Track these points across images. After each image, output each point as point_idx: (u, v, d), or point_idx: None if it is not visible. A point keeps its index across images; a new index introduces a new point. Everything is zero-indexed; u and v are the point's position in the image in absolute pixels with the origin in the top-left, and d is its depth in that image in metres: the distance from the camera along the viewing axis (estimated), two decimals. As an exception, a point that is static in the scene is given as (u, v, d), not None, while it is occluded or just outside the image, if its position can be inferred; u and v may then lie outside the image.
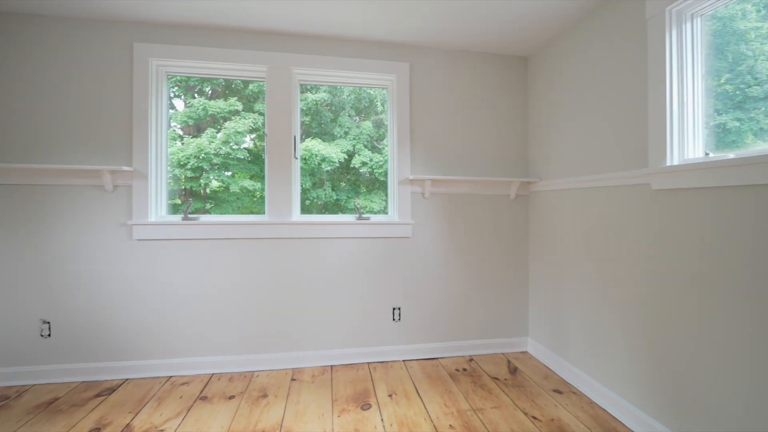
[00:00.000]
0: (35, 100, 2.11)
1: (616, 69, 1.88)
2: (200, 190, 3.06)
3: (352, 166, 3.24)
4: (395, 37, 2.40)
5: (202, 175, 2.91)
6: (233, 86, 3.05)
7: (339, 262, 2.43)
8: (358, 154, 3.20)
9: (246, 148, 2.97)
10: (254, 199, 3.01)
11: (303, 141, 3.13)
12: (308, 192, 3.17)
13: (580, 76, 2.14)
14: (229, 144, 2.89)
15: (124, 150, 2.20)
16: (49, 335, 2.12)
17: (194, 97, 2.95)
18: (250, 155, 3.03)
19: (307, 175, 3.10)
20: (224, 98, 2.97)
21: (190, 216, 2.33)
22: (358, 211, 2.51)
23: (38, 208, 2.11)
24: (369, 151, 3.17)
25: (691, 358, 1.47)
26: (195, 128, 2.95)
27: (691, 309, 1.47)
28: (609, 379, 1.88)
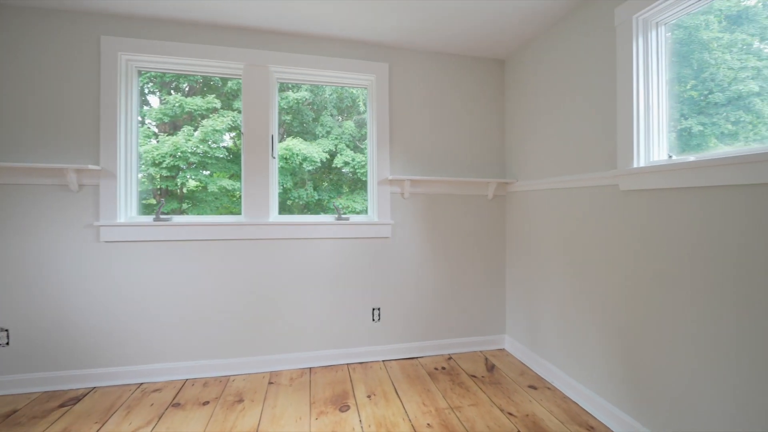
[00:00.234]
0: (-8, 94, 1.99)
1: (588, 73, 1.94)
2: (176, 190, 2.96)
3: (334, 165, 3.22)
4: (375, 37, 2.40)
5: (178, 175, 2.82)
6: (212, 83, 2.97)
7: (318, 263, 2.40)
8: (341, 154, 3.18)
9: (225, 147, 2.90)
10: (234, 198, 2.94)
11: (284, 140, 3.08)
12: (289, 192, 3.13)
13: (554, 80, 2.20)
14: (207, 142, 2.81)
15: (91, 148, 2.10)
16: (7, 344, 2.00)
17: (170, 94, 2.85)
18: (229, 154, 2.96)
19: (288, 174, 3.05)
20: (202, 95, 2.89)
21: (163, 216, 2.25)
22: (338, 212, 2.49)
23: (-5, 208, 1.99)
24: (351, 151, 3.15)
25: (659, 355, 1.54)
26: (171, 126, 2.86)
27: (659, 307, 1.53)
28: (581, 374, 1.94)
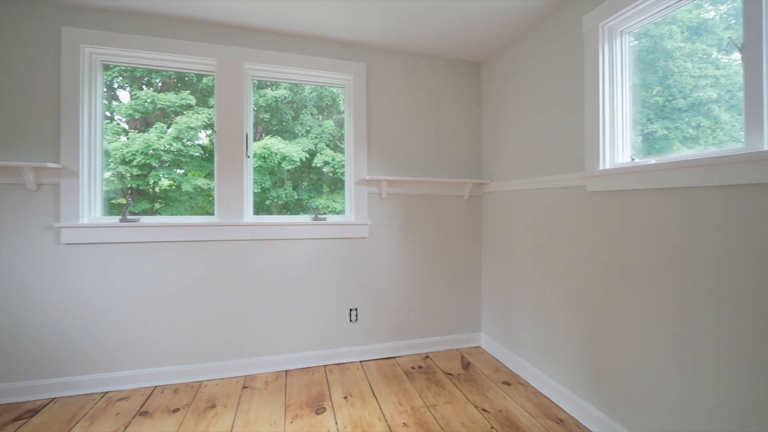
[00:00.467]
0: (-63, 86, 1.85)
1: (559, 78, 2.00)
2: (148, 189, 2.85)
3: (314, 165, 3.18)
4: (352, 37, 2.39)
5: (150, 173, 2.71)
6: (186, 79, 2.86)
7: (294, 264, 2.37)
8: (320, 153, 3.15)
9: (200, 145, 2.81)
10: (210, 198, 2.86)
11: (262, 139, 3.02)
12: (268, 191, 3.07)
13: (527, 83, 2.26)
14: (181, 140, 2.72)
15: (51, 145, 1.99)
16: (-44, 353, 1.86)
17: (141, 89, 2.73)
18: (204, 152, 2.87)
19: (266, 173, 2.99)
20: (175, 91, 2.78)
21: (131, 217, 2.16)
22: (314, 212, 2.47)
23: (-58, 209, 1.86)
24: (331, 150, 3.13)
25: (626, 350, 1.60)
26: (142, 122, 2.74)
27: (626, 304, 1.60)
28: (553, 369, 2.00)
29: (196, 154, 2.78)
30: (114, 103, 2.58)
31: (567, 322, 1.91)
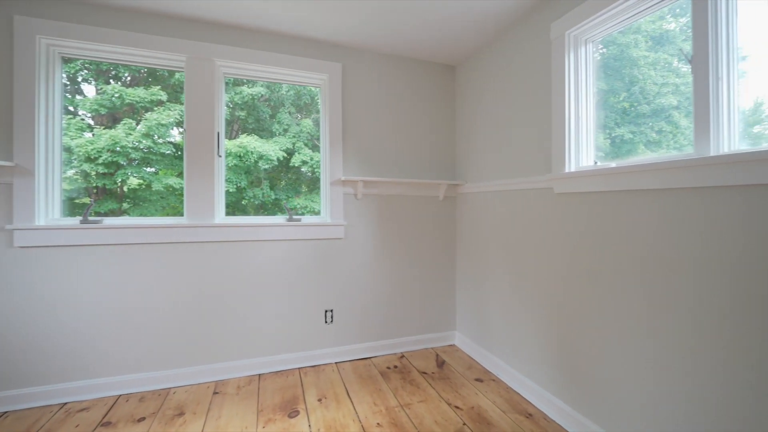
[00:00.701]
0: None
1: (529, 83, 2.07)
2: (116, 189, 2.72)
3: (292, 164, 3.13)
4: (327, 36, 2.38)
5: (117, 172, 2.59)
6: (158, 74, 2.74)
7: (268, 266, 2.33)
8: (298, 153, 3.10)
9: (172, 143, 2.70)
10: (182, 198, 2.76)
11: (238, 137, 2.94)
12: (244, 191, 3.00)
13: (499, 88, 2.32)
14: (151, 137, 2.61)
15: (3, 142, 1.86)
16: None
17: (108, 83, 2.60)
18: (177, 150, 2.77)
19: (242, 173, 2.92)
20: (146, 86, 2.66)
21: (93, 218, 2.06)
22: (289, 212, 2.44)
23: None
24: (310, 150, 3.09)
25: (589, 346, 1.67)
26: (110, 118, 2.61)
27: (589, 301, 1.67)
28: (523, 366, 2.06)
29: (168, 152, 2.68)
30: (78, 97, 2.45)
31: (535, 320, 1.97)
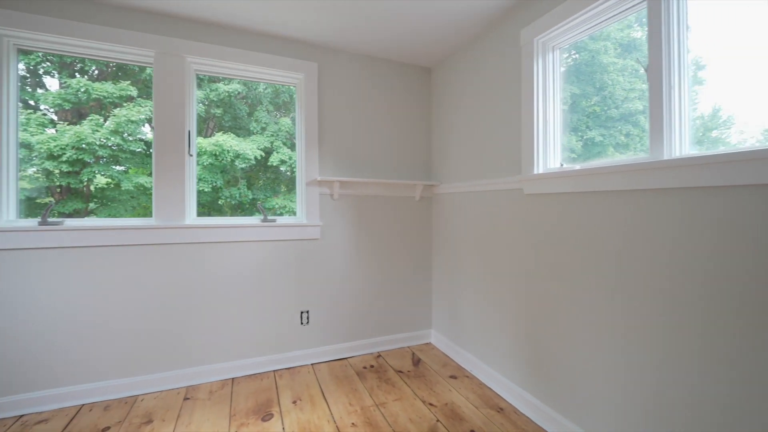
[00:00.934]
0: None
1: (500, 87, 2.13)
2: (82, 188, 2.59)
3: (270, 163, 3.08)
4: (303, 35, 2.36)
5: (83, 170, 2.47)
6: (127, 68, 2.63)
7: (242, 268, 2.29)
8: (277, 152, 3.05)
9: (143, 140, 2.60)
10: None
11: (213, 135, 2.87)
12: (220, 190, 2.93)
13: (472, 91, 2.37)
14: (120, 134, 2.50)
15: (-51, 137, 1.74)
16: None
17: (74, 77, 2.47)
18: (148, 148, 2.67)
19: (218, 172, 2.85)
20: (114, 81, 2.55)
21: (54, 219, 1.96)
22: (263, 213, 2.40)
23: None
24: (288, 149, 3.05)
25: (557, 341, 1.74)
26: (75, 113, 2.48)
27: (556, 298, 1.74)
28: (495, 362, 2.12)
29: (138, 150, 2.58)
30: (39, 91, 2.32)
31: (506, 317, 2.03)
